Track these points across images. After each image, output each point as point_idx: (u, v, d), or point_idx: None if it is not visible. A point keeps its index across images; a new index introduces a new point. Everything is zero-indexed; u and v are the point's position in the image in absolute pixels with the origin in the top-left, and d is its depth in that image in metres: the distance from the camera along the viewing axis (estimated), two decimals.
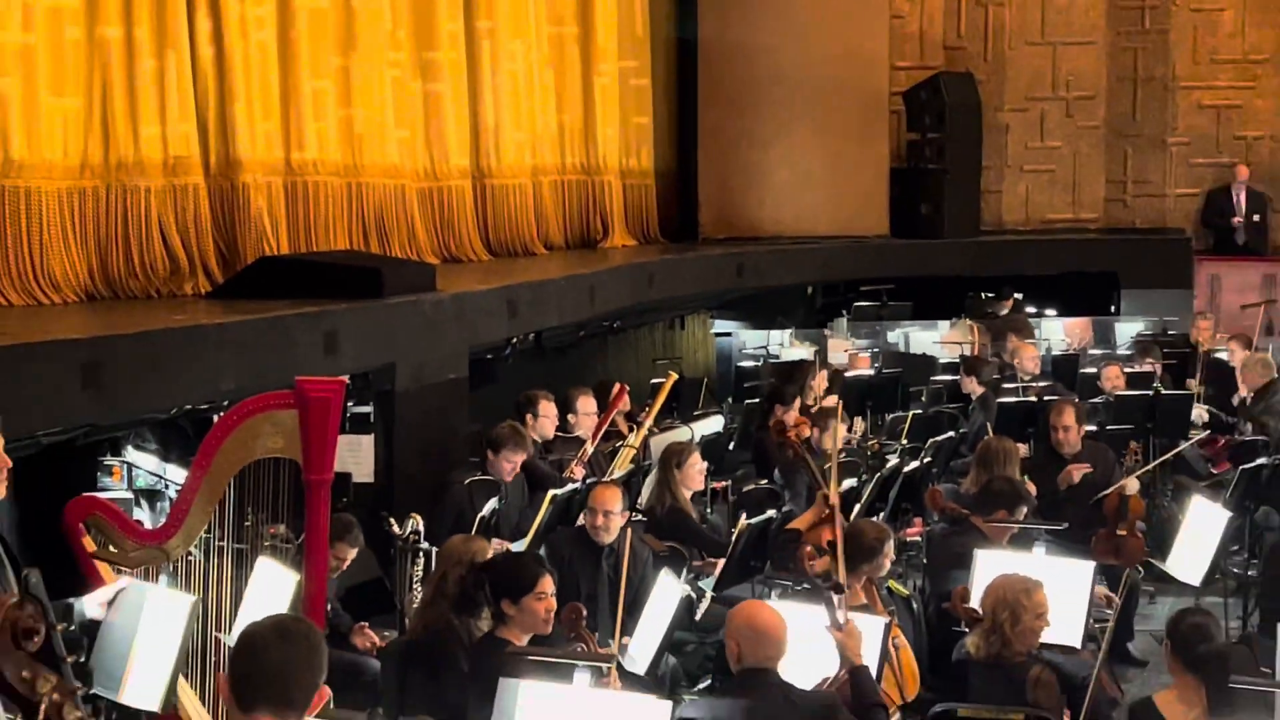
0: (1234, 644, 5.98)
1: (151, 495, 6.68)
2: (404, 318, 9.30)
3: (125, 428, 7.00)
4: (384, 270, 9.61)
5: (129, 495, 6.59)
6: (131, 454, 6.90)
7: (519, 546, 7.43)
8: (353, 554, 6.96)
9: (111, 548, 5.16)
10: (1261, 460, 9.61)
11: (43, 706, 3.76)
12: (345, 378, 6.03)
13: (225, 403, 6.49)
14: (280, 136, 10.65)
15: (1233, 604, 9.24)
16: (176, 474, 6.48)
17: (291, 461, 5.53)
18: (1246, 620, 8.70)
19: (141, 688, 4.95)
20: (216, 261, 9.80)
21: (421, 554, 7.12)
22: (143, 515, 6.14)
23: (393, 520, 7.25)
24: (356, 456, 8.22)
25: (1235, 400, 11.69)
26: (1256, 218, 16.44)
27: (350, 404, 8.25)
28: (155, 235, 9.38)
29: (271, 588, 5.73)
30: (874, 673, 5.77)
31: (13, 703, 3.90)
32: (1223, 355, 12.80)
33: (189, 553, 5.37)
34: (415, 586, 7.15)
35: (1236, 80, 18.04)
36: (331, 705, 5.13)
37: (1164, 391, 11.61)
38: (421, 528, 7.16)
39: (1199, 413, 11.15)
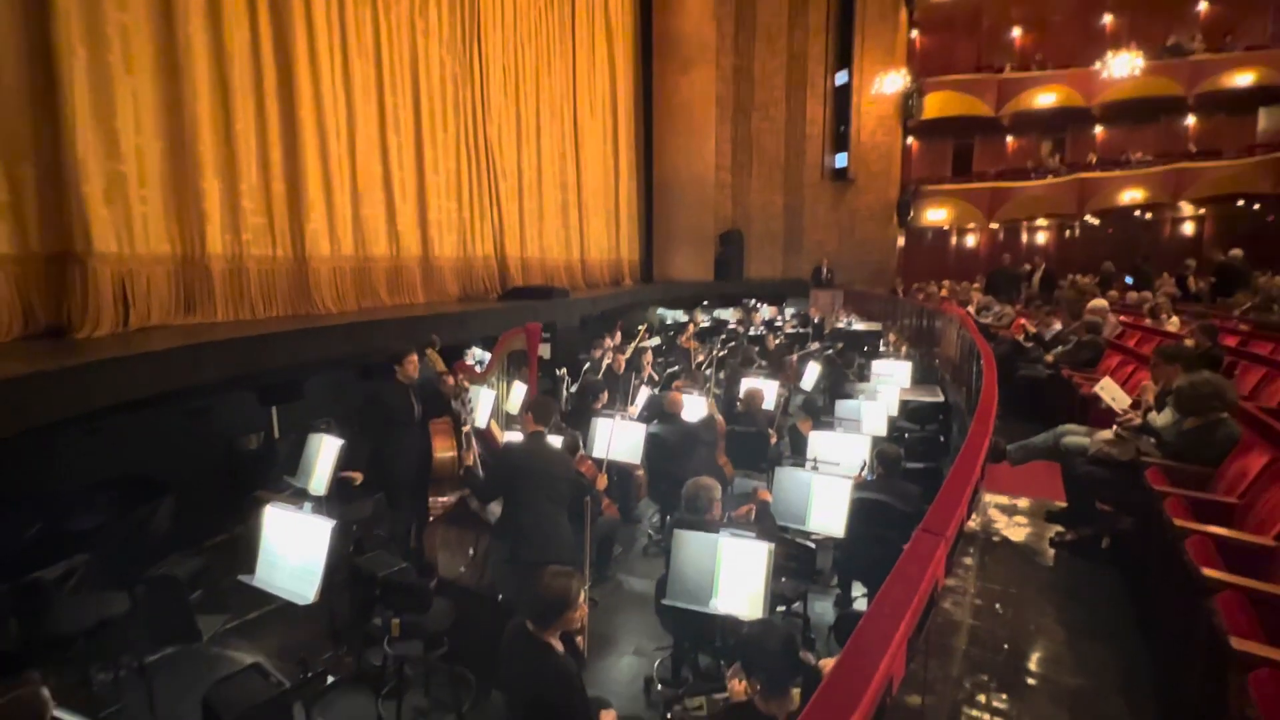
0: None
1: (480, 363, 6.74)
2: (558, 306, 9.19)
3: (469, 342, 7.03)
4: (552, 291, 9.54)
5: (474, 364, 6.62)
6: (474, 350, 6.95)
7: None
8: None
9: (467, 379, 5.21)
10: (829, 350, 9.66)
11: (463, 417, 3.90)
12: (540, 324, 6.11)
13: (501, 333, 6.56)
14: (521, 243, 10.44)
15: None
16: (485, 355, 6.51)
17: (524, 351, 5.62)
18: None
19: (480, 418, 5.02)
20: (500, 286, 9.71)
21: (565, 380, 7.11)
22: (478, 368, 6.20)
23: (556, 370, 7.30)
24: (544, 351, 8.22)
25: (826, 332, 11.64)
26: (828, 274, 16.24)
27: (544, 334, 8.28)
28: (480, 277, 9.35)
29: (519, 392, 5.82)
30: None
31: (453, 420, 4.00)
32: (817, 320, 12.85)
33: (492, 381, 5.47)
34: (565, 395, 6.93)
35: (829, 229, 17.89)
36: None
37: (800, 331, 11.63)
38: (566, 374, 7.19)
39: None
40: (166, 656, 3.45)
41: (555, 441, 4.05)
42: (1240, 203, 16.62)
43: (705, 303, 14.73)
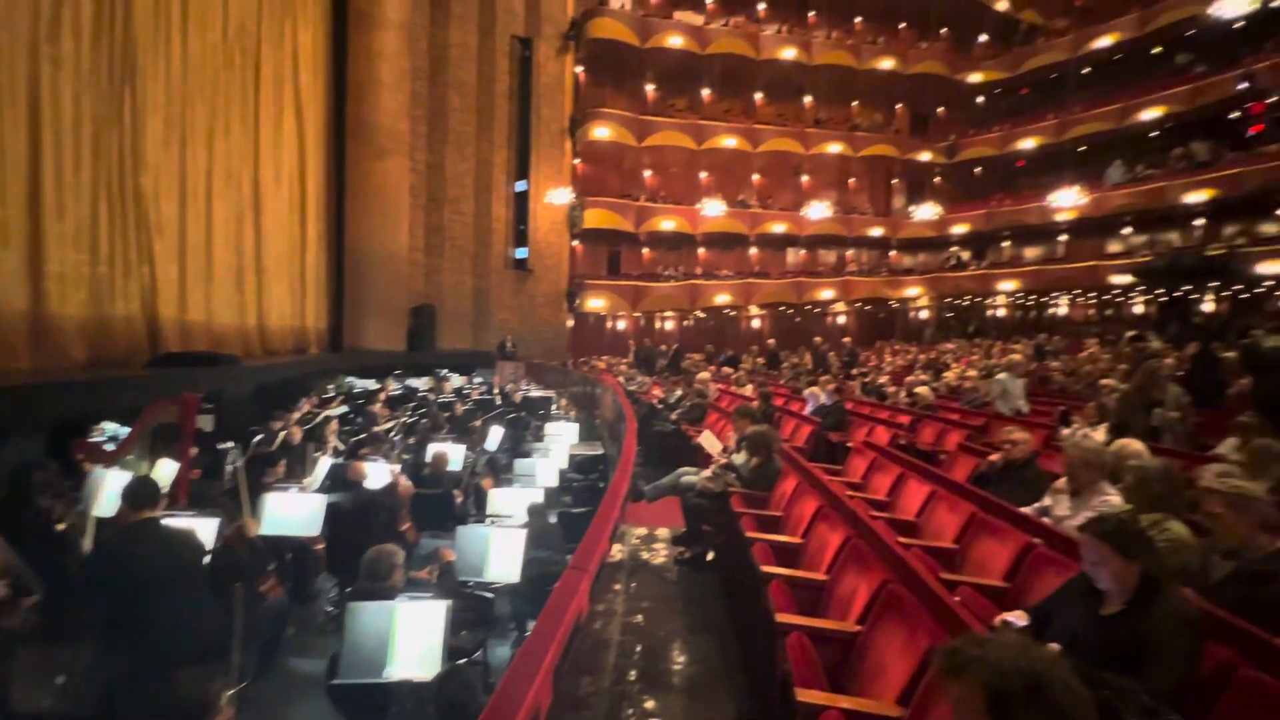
0: None
1: (115, 440, 5.12)
2: (226, 374, 7.32)
3: (99, 416, 5.30)
4: (219, 358, 7.52)
5: (102, 441, 5.01)
6: (107, 425, 5.27)
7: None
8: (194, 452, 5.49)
9: (90, 460, 3.97)
10: (510, 414, 9.53)
11: (56, 511, 2.79)
12: (199, 394, 4.94)
13: (145, 405, 5.03)
14: (182, 305, 8.40)
15: None
16: (124, 430, 5.01)
17: (176, 424, 4.49)
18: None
19: (103, 504, 3.75)
20: (150, 351, 7.42)
21: (233, 453, 5.71)
22: (109, 446, 4.71)
23: (219, 444, 5.84)
24: (205, 424, 6.54)
25: (515, 400, 11.47)
26: (512, 348, 15.70)
27: (205, 404, 6.57)
28: (121, 340, 7.17)
29: (169, 470, 4.56)
30: None
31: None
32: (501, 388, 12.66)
33: (128, 461, 4.21)
34: (229, 470, 5.54)
35: (512, 310, 18.24)
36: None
37: (487, 398, 11.27)
38: (234, 446, 5.80)
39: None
40: None
41: (210, 523, 3.26)
42: (781, 308, 22.26)
43: (398, 371, 13.67)
